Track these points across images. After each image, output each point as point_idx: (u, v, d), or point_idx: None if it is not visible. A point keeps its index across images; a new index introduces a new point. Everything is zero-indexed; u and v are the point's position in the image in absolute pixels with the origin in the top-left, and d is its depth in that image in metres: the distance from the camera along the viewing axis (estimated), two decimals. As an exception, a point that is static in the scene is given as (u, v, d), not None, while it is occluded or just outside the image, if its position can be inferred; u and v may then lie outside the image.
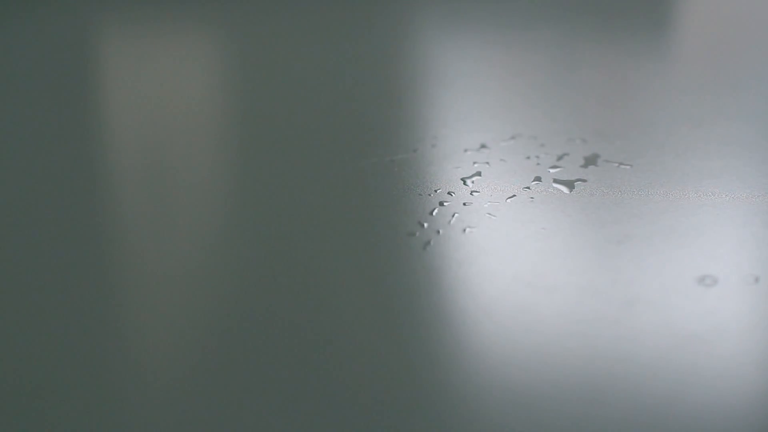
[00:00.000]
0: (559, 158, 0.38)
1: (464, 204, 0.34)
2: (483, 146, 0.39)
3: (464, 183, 0.36)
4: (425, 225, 0.33)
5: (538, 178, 0.36)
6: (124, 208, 0.34)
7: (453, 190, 0.35)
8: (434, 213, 0.34)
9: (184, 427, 0.23)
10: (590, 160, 0.38)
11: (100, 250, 0.31)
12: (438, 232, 0.32)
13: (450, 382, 0.25)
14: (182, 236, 0.32)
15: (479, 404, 0.24)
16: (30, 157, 0.38)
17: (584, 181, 0.36)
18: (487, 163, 0.37)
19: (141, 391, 0.25)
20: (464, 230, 0.32)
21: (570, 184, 0.36)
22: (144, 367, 0.26)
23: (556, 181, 0.36)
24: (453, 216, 0.33)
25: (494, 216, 0.33)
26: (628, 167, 0.37)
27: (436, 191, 0.35)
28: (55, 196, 0.35)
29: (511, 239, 0.32)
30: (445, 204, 0.34)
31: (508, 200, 0.34)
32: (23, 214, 0.34)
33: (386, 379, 0.25)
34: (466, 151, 0.38)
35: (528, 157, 0.38)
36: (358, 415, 0.24)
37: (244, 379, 0.25)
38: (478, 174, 0.36)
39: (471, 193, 0.35)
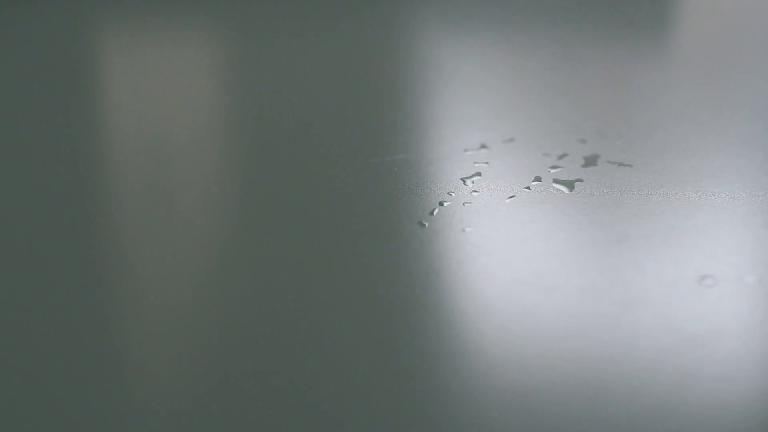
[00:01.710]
0: (559, 158, 0.38)
1: (464, 204, 0.34)
2: (483, 146, 0.39)
3: (464, 183, 0.36)
4: (425, 225, 0.33)
5: (538, 178, 0.36)
6: (124, 207, 0.34)
7: (453, 190, 0.35)
8: (434, 213, 0.34)
9: (185, 427, 0.23)
10: (590, 160, 0.37)
11: (97, 250, 0.31)
12: (438, 232, 0.32)
13: (449, 383, 0.25)
14: (182, 235, 0.32)
15: (479, 405, 0.24)
16: (29, 157, 0.38)
17: (584, 181, 0.36)
18: (487, 163, 0.37)
19: (140, 393, 0.25)
20: (464, 230, 0.32)
21: (570, 184, 0.36)
22: (143, 367, 0.26)
23: (556, 181, 0.36)
24: (453, 216, 0.33)
25: (494, 216, 0.33)
26: (628, 167, 0.37)
27: (436, 191, 0.35)
28: (54, 195, 0.35)
29: (511, 239, 0.32)
30: (445, 204, 0.34)
31: (508, 200, 0.34)
32: (22, 214, 0.34)
33: (385, 380, 0.25)
34: (466, 151, 0.38)
35: (528, 157, 0.38)
36: (356, 416, 0.24)
37: (244, 380, 0.25)
38: (478, 174, 0.36)
39: (471, 193, 0.35)
